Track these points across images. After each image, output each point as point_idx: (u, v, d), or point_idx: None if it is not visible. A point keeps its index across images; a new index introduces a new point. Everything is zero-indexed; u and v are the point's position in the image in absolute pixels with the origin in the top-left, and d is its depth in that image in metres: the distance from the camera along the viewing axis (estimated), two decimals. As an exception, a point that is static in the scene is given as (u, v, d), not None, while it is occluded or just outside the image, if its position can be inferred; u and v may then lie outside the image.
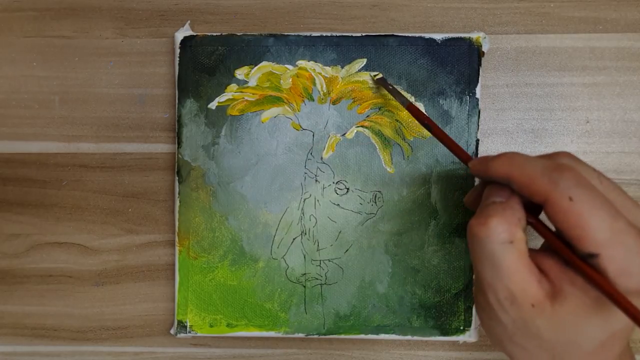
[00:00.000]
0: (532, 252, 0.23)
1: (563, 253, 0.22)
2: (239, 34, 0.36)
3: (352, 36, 0.36)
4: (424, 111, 0.36)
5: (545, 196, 0.21)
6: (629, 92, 0.36)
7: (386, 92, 0.35)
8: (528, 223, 0.24)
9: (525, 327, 0.23)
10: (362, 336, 0.36)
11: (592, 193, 0.21)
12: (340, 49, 0.36)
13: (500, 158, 0.24)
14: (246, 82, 0.36)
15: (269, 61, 0.36)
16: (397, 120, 0.36)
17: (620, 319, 0.22)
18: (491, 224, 0.22)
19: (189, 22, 0.37)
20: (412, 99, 0.36)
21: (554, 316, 0.22)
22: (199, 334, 0.37)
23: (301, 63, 0.36)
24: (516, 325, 0.23)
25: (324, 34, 0.36)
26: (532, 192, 0.22)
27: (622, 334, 0.22)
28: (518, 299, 0.22)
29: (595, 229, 0.20)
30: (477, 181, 0.36)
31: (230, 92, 0.36)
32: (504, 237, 0.22)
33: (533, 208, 0.24)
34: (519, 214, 0.23)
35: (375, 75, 0.35)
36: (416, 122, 0.35)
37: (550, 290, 0.22)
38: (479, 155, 0.36)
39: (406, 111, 0.36)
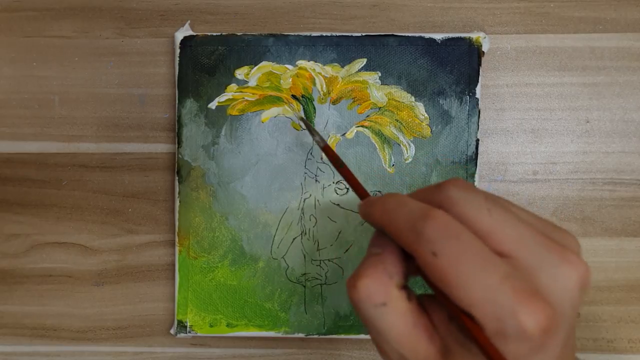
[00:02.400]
0: (427, 300, 0.21)
1: (446, 305, 0.19)
2: (239, 34, 0.36)
3: (352, 36, 0.36)
4: (426, 113, 0.36)
5: (411, 250, 0.19)
6: (629, 92, 0.36)
7: (387, 92, 0.35)
8: (415, 273, 0.21)
9: None
10: (362, 336, 0.36)
11: (459, 245, 0.18)
12: (340, 49, 0.36)
13: (376, 204, 0.21)
14: (246, 82, 0.36)
15: (269, 61, 0.36)
16: (397, 120, 0.36)
17: None
18: (360, 285, 0.20)
19: (189, 22, 0.37)
20: (412, 99, 0.36)
21: None
22: (199, 334, 0.37)
23: (301, 63, 0.36)
24: None
25: (324, 34, 0.36)
26: (402, 245, 0.20)
27: None
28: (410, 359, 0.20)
29: (462, 287, 0.18)
30: (476, 183, 0.36)
31: (230, 92, 0.36)
32: (376, 299, 0.20)
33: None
34: (392, 269, 0.20)
35: (300, 116, 0.36)
36: (416, 121, 0.36)
37: (442, 347, 0.20)
38: (478, 155, 0.36)
39: (406, 111, 0.36)
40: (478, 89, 0.35)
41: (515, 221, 0.19)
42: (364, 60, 0.36)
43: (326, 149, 0.29)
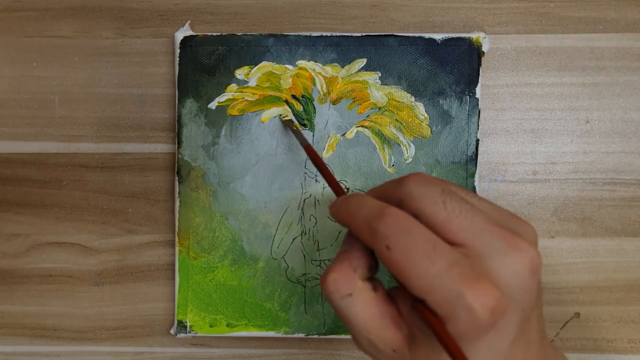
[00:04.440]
0: (395, 291, 0.23)
1: (408, 294, 0.21)
2: (239, 34, 0.36)
3: (352, 36, 0.36)
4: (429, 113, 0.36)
5: (370, 246, 0.21)
6: (629, 92, 0.36)
7: (387, 92, 0.35)
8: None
9: None
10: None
11: (408, 237, 0.19)
12: (340, 49, 0.36)
13: (341, 205, 0.23)
14: (246, 82, 0.36)
15: (269, 61, 0.36)
16: (397, 120, 0.36)
17: None
18: (328, 280, 0.21)
19: (189, 22, 0.37)
20: (412, 99, 0.36)
21: None
22: (199, 334, 0.37)
23: (301, 63, 0.36)
24: None
25: (324, 34, 0.36)
26: (363, 241, 0.21)
27: None
28: (379, 346, 0.21)
29: (414, 276, 0.19)
30: (476, 183, 0.36)
31: (230, 92, 0.36)
32: (342, 291, 0.21)
33: None
34: (356, 263, 0.22)
35: (283, 117, 0.36)
36: (416, 122, 0.36)
37: (408, 335, 0.21)
38: (478, 155, 0.36)
39: (406, 111, 0.36)
40: (478, 89, 0.35)
41: (469, 212, 0.20)
42: (364, 60, 0.36)
43: (307, 149, 0.30)
